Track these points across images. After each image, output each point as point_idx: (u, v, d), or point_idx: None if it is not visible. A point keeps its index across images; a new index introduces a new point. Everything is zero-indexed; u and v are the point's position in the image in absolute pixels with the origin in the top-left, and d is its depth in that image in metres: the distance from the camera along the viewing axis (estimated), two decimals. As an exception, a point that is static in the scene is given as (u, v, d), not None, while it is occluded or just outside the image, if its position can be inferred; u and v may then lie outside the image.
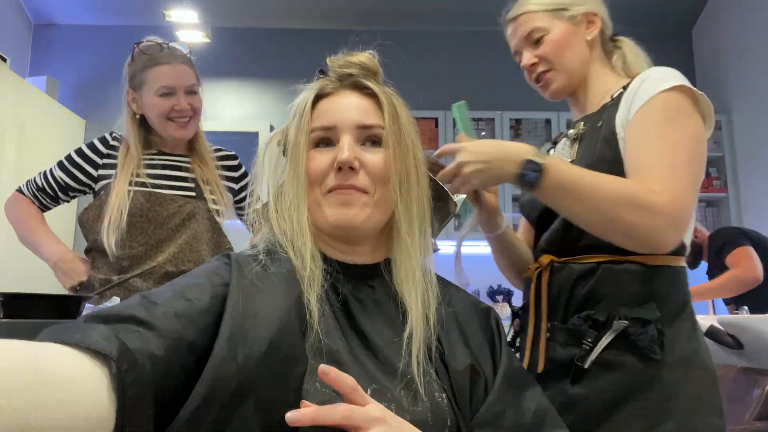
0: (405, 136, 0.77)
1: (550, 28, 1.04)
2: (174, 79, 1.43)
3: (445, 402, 0.67)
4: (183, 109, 1.44)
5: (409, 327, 0.70)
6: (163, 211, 1.43)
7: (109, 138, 1.51)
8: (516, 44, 1.09)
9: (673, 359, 0.88)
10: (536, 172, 0.85)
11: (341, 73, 0.79)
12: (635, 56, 1.08)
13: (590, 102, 1.06)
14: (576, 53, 1.04)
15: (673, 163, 0.85)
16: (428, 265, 0.77)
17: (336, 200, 0.73)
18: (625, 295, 0.91)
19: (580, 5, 1.05)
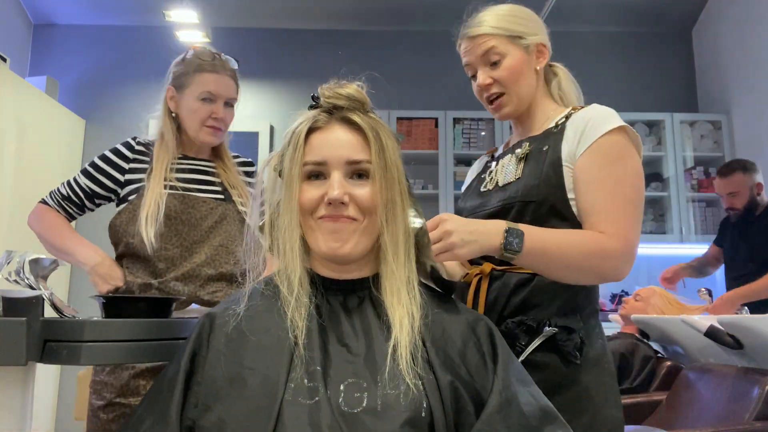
0: (391, 167, 0.84)
1: (507, 53, 1.13)
2: (218, 87, 1.48)
3: (422, 388, 0.75)
4: (220, 117, 1.49)
5: (393, 337, 0.78)
6: (195, 213, 1.44)
7: (134, 143, 1.51)
8: (471, 60, 1.17)
9: (587, 362, 1.03)
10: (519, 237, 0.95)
11: (331, 105, 0.86)
12: (568, 84, 1.21)
13: (533, 126, 1.17)
14: (527, 81, 1.14)
15: (620, 203, 1.01)
16: (413, 280, 0.84)
17: (327, 227, 0.82)
18: (554, 305, 1.05)
19: (533, 35, 1.15)
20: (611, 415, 1.03)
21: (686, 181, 3.83)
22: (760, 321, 1.76)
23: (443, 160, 3.79)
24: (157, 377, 0.83)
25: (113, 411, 1.31)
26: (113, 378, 1.33)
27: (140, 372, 1.32)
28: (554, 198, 1.05)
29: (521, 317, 1.04)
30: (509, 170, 1.14)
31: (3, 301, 0.82)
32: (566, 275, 1.01)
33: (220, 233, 1.45)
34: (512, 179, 1.12)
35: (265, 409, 0.72)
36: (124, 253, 1.45)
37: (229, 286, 1.45)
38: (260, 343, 0.79)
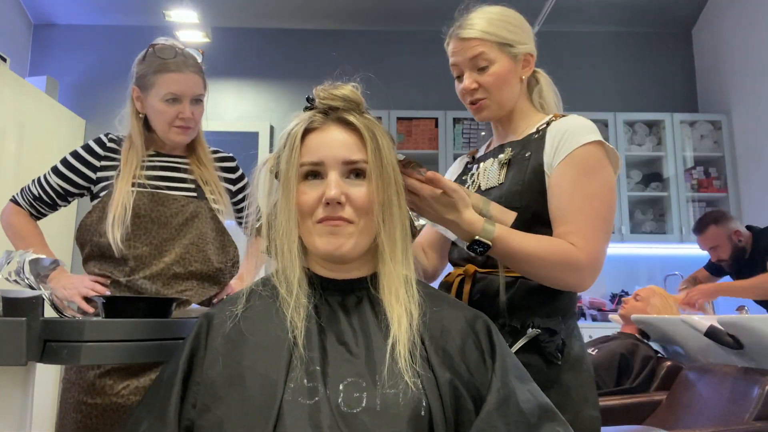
0: (387, 166, 0.85)
1: (496, 60, 1.14)
2: (183, 87, 1.43)
3: (421, 387, 0.75)
4: (187, 117, 1.44)
5: (392, 335, 0.78)
6: (166, 211, 1.42)
7: (105, 139, 1.49)
8: (458, 61, 1.17)
9: (567, 363, 1.06)
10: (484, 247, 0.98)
11: (326, 106, 0.87)
12: (549, 92, 1.23)
13: (513, 130, 1.19)
14: (510, 89, 1.16)
15: (590, 216, 1.03)
16: (411, 279, 0.85)
17: (325, 230, 0.83)
18: (536, 307, 1.07)
19: (522, 45, 1.16)
20: (589, 415, 1.06)
21: (686, 181, 3.83)
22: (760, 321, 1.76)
23: (443, 160, 3.79)
24: (155, 378, 0.83)
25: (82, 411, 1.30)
26: (79, 378, 1.31)
27: (106, 372, 1.30)
28: (537, 205, 1.07)
29: (505, 319, 1.07)
30: (492, 175, 1.16)
31: (3, 301, 0.82)
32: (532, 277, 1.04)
33: (191, 231, 1.43)
34: (495, 184, 1.14)
35: (264, 409, 0.72)
36: (92, 253, 1.42)
37: (200, 285, 1.43)
38: (259, 343, 0.79)
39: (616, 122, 3.87)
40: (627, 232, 3.77)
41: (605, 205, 1.05)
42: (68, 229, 3.77)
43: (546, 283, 1.04)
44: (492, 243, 0.98)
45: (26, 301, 0.81)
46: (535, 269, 1.01)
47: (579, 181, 1.05)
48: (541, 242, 1.02)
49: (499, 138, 1.23)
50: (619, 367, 2.19)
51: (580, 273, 1.01)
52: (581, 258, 1.00)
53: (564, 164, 1.06)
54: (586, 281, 1.03)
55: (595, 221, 1.03)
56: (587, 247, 1.01)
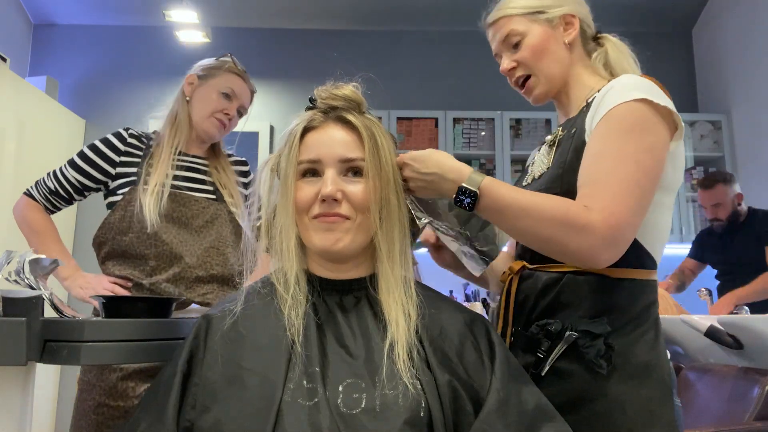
0: (385, 165, 0.85)
1: (528, 32, 1.04)
2: (240, 91, 1.54)
3: (420, 388, 0.75)
4: (231, 115, 1.52)
5: (390, 336, 0.78)
6: (186, 212, 1.41)
7: (125, 134, 1.48)
8: (496, 47, 1.10)
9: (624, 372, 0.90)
10: (471, 197, 0.87)
11: (327, 106, 0.87)
12: (618, 54, 1.08)
13: (572, 105, 1.06)
14: (555, 57, 1.04)
15: (619, 179, 0.85)
16: (410, 280, 0.84)
17: (321, 226, 0.83)
18: (585, 306, 0.93)
19: (557, 7, 1.05)
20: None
21: (686, 181, 3.83)
22: (760, 321, 1.76)
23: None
24: (154, 379, 0.83)
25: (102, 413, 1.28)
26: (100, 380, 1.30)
27: (128, 374, 1.29)
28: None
29: (545, 321, 0.94)
30: (543, 160, 1.05)
31: (3, 301, 0.82)
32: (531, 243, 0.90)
33: (210, 234, 1.42)
34: (545, 169, 1.02)
35: (263, 410, 0.72)
36: (113, 253, 1.40)
37: (220, 288, 1.42)
38: (258, 343, 0.79)
39: (616, 122, 3.86)
40: (627, 232, 3.76)
41: (641, 168, 0.86)
42: (68, 229, 3.77)
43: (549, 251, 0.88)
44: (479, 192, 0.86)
45: (26, 301, 0.81)
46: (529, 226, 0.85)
47: (611, 141, 0.88)
48: (539, 196, 0.88)
49: (562, 118, 1.10)
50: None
51: (587, 236, 0.82)
52: (591, 219, 0.82)
53: (600, 124, 0.90)
54: (598, 250, 0.83)
55: (622, 184, 0.84)
56: (605, 208, 0.83)
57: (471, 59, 3.92)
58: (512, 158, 3.84)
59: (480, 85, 3.97)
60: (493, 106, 3.85)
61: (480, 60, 4.31)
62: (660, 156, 0.90)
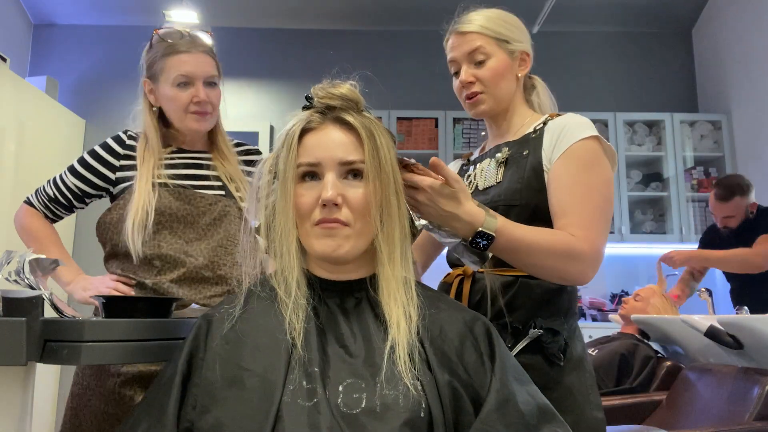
0: (385, 166, 0.84)
1: (493, 54, 1.15)
2: (193, 67, 1.34)
3: (420, 389, 0.75)
4: (202, 100, 1.34)
5: (391, 337, 0.78)
6: (193, 210, 1.34)
7: (125, 137, 1.41)
8: (456, 56, 1.19)
9: (570, 364, 1.06)
10: (488, 240, 0.95)
11: (324, 105, 0.86)
12: (545, 96, 1.25)
13: (510, 129, 1.20)
14: (507, 85, 1.17)
15: (590, 208, 1.03)
16: (410, 280, 0.84)
17: (322, 233, 0.82)
18: (537, 307, 1.07)
19: (519, 42, 1.18)
20: (593, 416, 1.06)
21: (686, 181, 3.83)
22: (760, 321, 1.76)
23: (443, 160, 3.76)
24: (154, 380, 0.83)
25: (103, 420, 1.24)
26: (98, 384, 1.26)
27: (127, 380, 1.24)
28: (537, 201, 1.07)
29: (508, 319, 1.06)
30: (489, 174, 1.17)
31: (3, 301, 0.82)
32: (532, 271, 1.03)
33: (219, 232, 1.36)
34: (493, 183, 1.14)
35: (263, 410, 0.72)
36: (114, 253, 1.36)
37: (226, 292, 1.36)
38: (258, 344, 0.79)
39: (616, 122, 3.87)
40: (627, 232, 3.77)
41: (603, 198, 1.06)
42: (68, 229, 3.77)
43: (547, 277, 1.02)
44: (495, 234, 0.95)
45: (26, 301, 0.81)
46: (539, 261, 0.99)
47: (577, 175, 1.05)
48: (543, 233, 1.00)
49: (495, 138, 1.24)
50: (619, 367, 2.19)
51: (581, 263, 1.00)
52: (583, 248, 0.99)
53: (562, 159, 1.07)
54: (587, 273, 1.01)
55: (594, 213, 1.03)
56: (588, 237, 1.00)
57: (471, 59, 3.92)
58: (512, 158, 3.84)
59: (480, 85, 3.97)
60: (493, 106, 3.85)
61: (480, 60, 4.31)
62: (612, 183, 1.10)
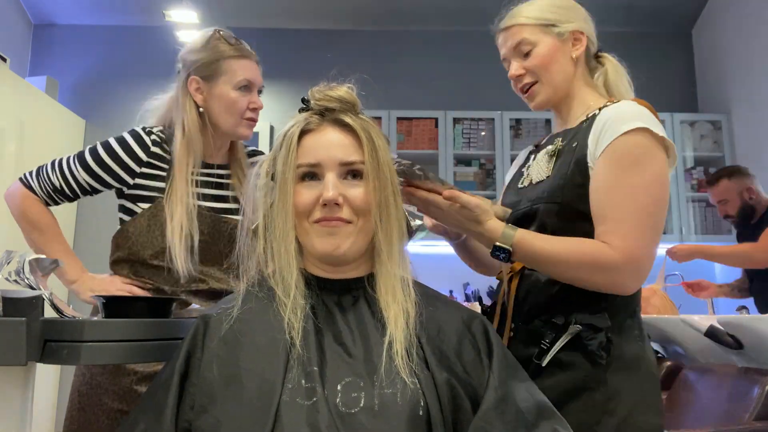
0: (383, 166, 0.85)
1: (539, 42, 1.09)
2: (254, 74, 1.35)
3: (419, 387, 0.75)
4: (259, 107, 1.35)
5: (389, 334, 0.79)
6: (215, 234, 1.34)
7: (148, 141, 1.34)
8: (505, 53, 1.15)
9: (619, 363, 0.98)
10: (505, 253, 0.96)
11: (321, 107, 0.87)
12: (616, 76, 1.15)
13: (571, 117, 1.13)
14: (561, 69, 1.10)
15: (633, 213, 0.95)
16: (408, 279, 0.85)
17: (323, 231, 0.83)
18: (583, 304, 1.00)
19: (568, 23, 1.11)
20: (646, 422, 0.97)
21: (686, 181, 3.83)
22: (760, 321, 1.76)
23: (443, 160, 3.79)
24: (153, 380, 0.83)
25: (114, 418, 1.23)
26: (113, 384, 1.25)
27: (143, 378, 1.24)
28: (579, 200, 1.00)
29: (549, 316, 1.01)
30: (542, 167, 1.11)
31: (3, 301, 0.82)
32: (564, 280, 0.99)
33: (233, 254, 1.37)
34: (543, 177, 1.08)
35: (262, 410, 0.72)
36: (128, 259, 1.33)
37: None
38: (256, 344, 0.79)
39: (616, 122, 3.87)
40: (627, 232, 3.76)
41: (651, 199, 0.96)
42: (68, 229, 3.77)
43: (579, 285, 0.97)
44: (512, 248, 0.95)
45: (26, 301, 0.81)
46: (562, 271, 0.96)
47: (619, 175, 0.96)
48: (567, 243, 0.96)
49: (559, 127, 1.17)
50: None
51: (612, 274, 0.94)
52: (615, 258, 0.93)
53: (603, 156, 0.98)
54: (624, 282, 0.95)
55: (636, 217, 0.94)
56: (625, 246, 0.93)
57: (471, 59, 3.93)
58: (512, 158, 3.84)
59: (480, 85, 3.97)
60: (493, 106, 3.85)
61: (480, 60, 4.30)
62: (665, 182, 0.99)
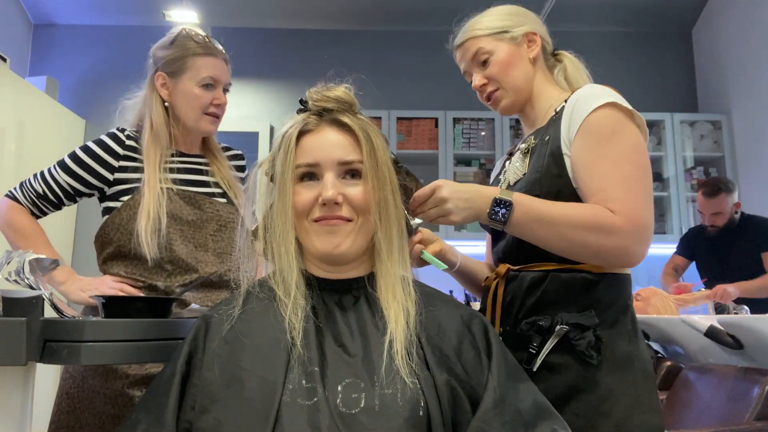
0: (381, 166, 0.85)
1: (495, 50, 1.13)
2: (219, 72, 1.40)
3: (419, 387, 0.75)
4: (222, 104, 1.40)
5: (389, 334, 0.78)
6: (202, 215, 1.35)
7: (122, 136, 1.37)
8: (465, 66, 1.18)
9: (613, 362, 0.96)
10: (506, 207, 0.94)
11: (319, 108, 0.87)
12: (575, 69, 1.18)
13: (538, 116, 1.14)
14: (521, 71, 1.13)
15: (622, 179, 0.94)
16: (408, 278, 0.85)
17: (323, 230, 0.83)
18: (570, 302, 0.98)
19: (519, 26, 1.14)
20: (644, 421, 0.94)
21: (686, 181, 3.83)
22: (760, 321, 1.76)
23: (443, 160, 3.79)
24: (153, 380, 0.83)
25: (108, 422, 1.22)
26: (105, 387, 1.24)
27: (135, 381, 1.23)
28: (557, 188, 1.00)
29: (535, 317, 0.99)
30: (517, 167, 1.12)
31: (3, 301, 0.82)
32: (566, 250, 0.96)
33: (223, 239, 1.37)
34: (520, 176, 1.09)
35: (263, 410, 0.72)
36: (118, 253, 1.33)
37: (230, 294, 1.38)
38: (257, 345, 0.79)
39: (616, 122, 3.87)
40: (627, 232, 3.77)
41: (634, 166, 0.95)
42: (68, 229, 3.77)
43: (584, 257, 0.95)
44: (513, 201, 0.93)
45: (26, 301, 0.81)
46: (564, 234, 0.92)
47: (598, 149, 0.96)
48: (567, 205, 0.94)
49: (528, 130, 1.18)
50: (619, 367, 2.18)
51: (618, 237, 0.91)
52: (617, 220, 0.91)
53: (579, 135, 0.98)
54: (630, 248, 0.92)
55: (626, 184, 0.93)
56: (624, 210, 0.91)
57: (471, 59, 3.92)
58: (512, 158, 3.84)
59: (480, 85, 3.97)
60: (493, 106, 3.85)
61: (480, 60, 4.31)
62: (644, 150, 0.99)
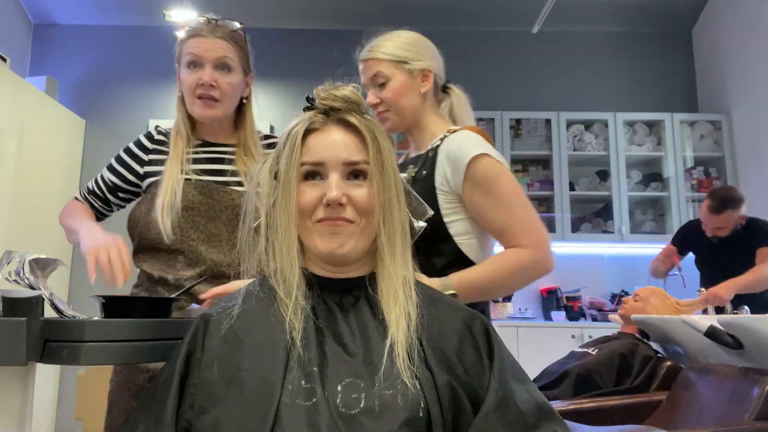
0: (387, 167, 0.85)
1: (392, 77, 1.27)
2: (202, 49, 1.33)
3: (419, 388, 0.75)
4: (205, 82, 1.31)
5: (390, 336, 0.79)
6: (215, 204, 1.33)
7: (154, 132, 1.44)
8: (364, 81, 1.32)
9: None
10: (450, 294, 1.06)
11: (326, 106, 0.87)
12: (460, 105, 1.36)
13: (423, 142, 1.31)
14: (410, 103, 1.28)
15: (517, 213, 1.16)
16: (410, 279, 0.85)
17: (326, 230, 0.83)
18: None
19: (418, 61, 1.28)
20: None
21: (686, 181, 3.83)
22: (760, 321, 1.76)
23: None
24: (153, 380, 0.83)
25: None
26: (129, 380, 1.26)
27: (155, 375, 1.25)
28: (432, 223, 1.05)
29: None
30: None
31: (3, 301, 0.82)
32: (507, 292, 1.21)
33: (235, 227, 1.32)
34: None
35: (262, 410, 0.72)
36: (141, 246, 1.36)
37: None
38: (256, 344, 0.79)
39: (616, 122, 3.87)
40: (627, 232, 3.77)
41: (521, 198, 1.18)
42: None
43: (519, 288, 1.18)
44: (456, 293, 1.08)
45: (26, 301, 0.81)
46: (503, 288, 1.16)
47: (490, 195, 1.16)
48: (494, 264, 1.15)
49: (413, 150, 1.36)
50: (619, 367, 2.19)
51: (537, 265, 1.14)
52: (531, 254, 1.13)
53: (468, 186, 1.17)
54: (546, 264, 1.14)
55: (522, 215, 1.16)
56: (531, 241, 1.13)
57: (470, 59, 3.93)
58: (512, 158, 3.84)
59: (480, 85, 3.96)
60: (493, 106, 3.85)
61: (479, 60, 4.31)
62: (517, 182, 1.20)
